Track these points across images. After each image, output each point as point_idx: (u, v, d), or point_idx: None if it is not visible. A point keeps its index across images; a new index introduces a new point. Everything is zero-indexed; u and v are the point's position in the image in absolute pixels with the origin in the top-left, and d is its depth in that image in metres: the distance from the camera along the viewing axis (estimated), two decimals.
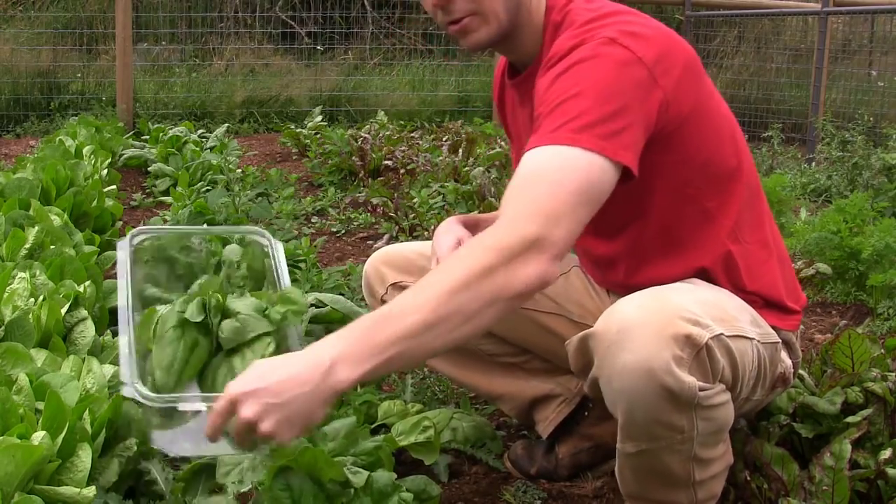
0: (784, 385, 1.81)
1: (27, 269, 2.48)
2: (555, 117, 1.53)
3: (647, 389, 1.48)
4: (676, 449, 1.56)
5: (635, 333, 1.47)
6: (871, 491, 1.78)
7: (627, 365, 1.48)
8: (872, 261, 3.36)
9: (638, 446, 1.58)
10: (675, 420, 1.52)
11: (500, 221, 1.46)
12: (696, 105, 1.67)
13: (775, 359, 1.73)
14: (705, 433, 1.56)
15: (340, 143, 5.68)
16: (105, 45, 8.62)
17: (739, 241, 1.76)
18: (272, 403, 1.30)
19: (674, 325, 1.47)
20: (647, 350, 1.46)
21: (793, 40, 9.45)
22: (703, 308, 1.54)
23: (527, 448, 2.14)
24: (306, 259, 3.09)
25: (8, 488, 1.51)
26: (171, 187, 4.89)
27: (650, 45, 1.60)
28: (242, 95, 8.20)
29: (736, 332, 1.57)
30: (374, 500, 1.59)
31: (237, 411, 1.32)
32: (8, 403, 1.67)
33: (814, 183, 5.46)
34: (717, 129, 1.73)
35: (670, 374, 1.46)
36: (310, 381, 1.31)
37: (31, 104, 7.82)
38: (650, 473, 1.63)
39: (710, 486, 1.67)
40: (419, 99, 8.59)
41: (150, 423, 1.64)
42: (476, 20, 1.71)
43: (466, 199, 4.35)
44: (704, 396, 1.50)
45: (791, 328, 1.81)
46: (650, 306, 1.50)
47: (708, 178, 1.73)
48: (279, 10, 9.70)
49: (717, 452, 1.64)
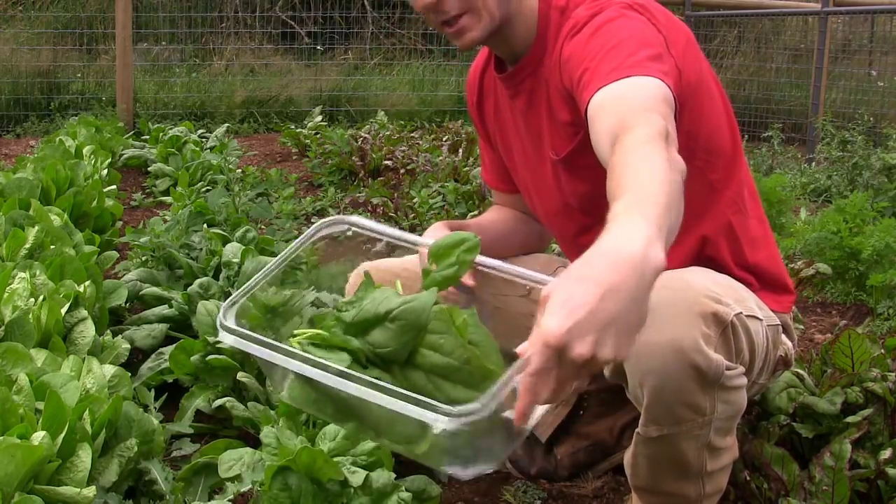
0: (785, 366, 1.83)
1: (27, 269, 2.48)
2: (608, 61, 1.50)
3: (676, 368, 1.47)
4: (695, 434, 1.56)
5: (663, 313, 1.44)
6: (871, 491, 1.78)
7: (657, 343, 1.46)
8: (872, 261, 3.36)
9: (661, 430, 1.57)
10: (699, 400, 1.52)
11: (626, 123, 1.34)
12: (699, 79, 1.70)
13: (777, 341, 1.76)
14: (723, 417, 1.56)
15: (340, 143, 5.68)
16: (105, 45, 8.62)
17: (741, 212, 1.78)
18: (605, 324, 1.05)
19: (700, 304, 1.48)
20: (676, 329, 1.46)
21: (793, 40, 9.44)
22: (721, 288, 1.56)
23: (526, 448, 2.14)
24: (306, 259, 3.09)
25: (8, 488, 1.51)
26: (171, 187, 4.89)
27: (659, 15, 1.65)
28: (242, 95, 8.20)
29: (750, 313, 1.59)
30: (374, 499, 1.59)
31: (567, 355, 1.05)
32: (8, 403, 1.67)
33: (814, 183, 5.46)
34: (716, 107, 1.76)
35: (700, 353, 1.46)
36: (630, 280, 1.08)
37: (32, 104, 7.82)
38: (665, 462, 1.62)
39: (718, 478, 1.67)
40: (419, 99, 8.59)
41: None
42: (469, 18, 1.70)
43: (466, 199, 4.34)
44: (729, 376, 1.51)
45: (786, 311, 1.83)
46: (674, 286, 1.49)
47: (711, 152, 1.75)
48: (279, 10, 9.70)
49: (728, 442, 1.64)
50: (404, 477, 1.78)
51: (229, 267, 2.89)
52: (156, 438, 1.93)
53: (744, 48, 9.43)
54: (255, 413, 2.07)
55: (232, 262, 2.91)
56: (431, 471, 2.05)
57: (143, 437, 1.88)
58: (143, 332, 2.64)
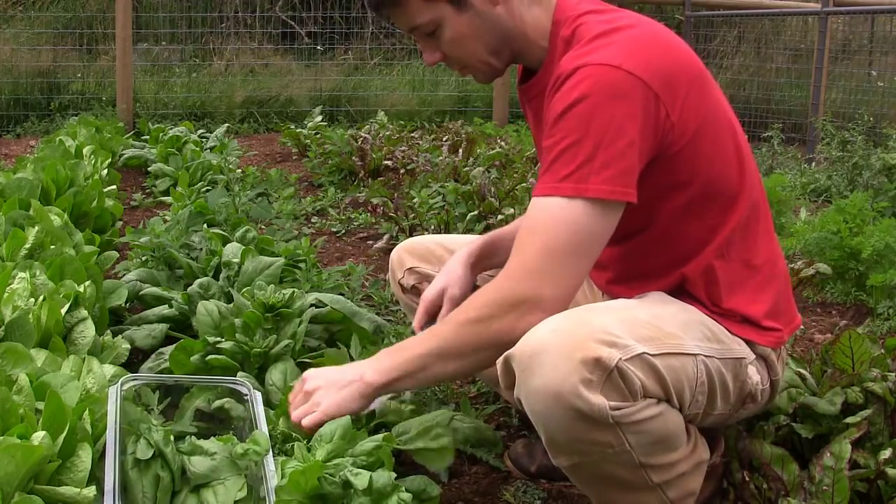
0: (753, 402, 1.77)
1: (27, 269, 2.48)
2: (560, 165, 1.61)
3: (558, 412, 1.49)
4: (614, 460, 1.55)
5: (545, 358, 1.49)
6: (871, 491, 1.78)
7: (538, 389, 1.50)
8: (872, 261, 3.36)
9: (570, 460, 1.59)
10: (596, 437, 1.52)
11: (503, 274, 1.66)
12: (701, 123, 1.68)
13: (740, 374, 1.71)
14: (643, 444, 1.55)
15: (340, 143, 5.68)
16: (105, 45, 8.62)
17: (724, 257, 1.74)
18: (327, 385, 1.77)
19: (584, 349, 1.48)
20: (556, 375, 1.47)
21: (793, 40, 9.44)
22: (627, 327, 1.54)
23: (527, 447, 2.14)
24: (306, 259, 3.09)
25: (8, 488, 1.51)
26: (171, 187, 4.89)
27: (658, 67, 1.62)
28: (242, 95, 8.20)
29: (667, 350, 1.56)
30: (374, 500, 1.59)
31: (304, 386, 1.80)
32: (8, 403, 1.67)
33: (814, 183, 5.46)
34: (721, 145, 1.73)
35: (579, 398, 1.47)
36: (349, 379, 1.75)
37: (32, 104, 7.82)
38: (599, 482, 1.63)
39: (682, 484, 1.65)
40: (419, 99, 8.59)
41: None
42: (470, 71, 1.84)
43: (466, 199, 4.34)
44: (622, 415, 1.50)
45: (769, 344, 1.77)
46: (564, 329, 1.52)
47: (709, 198, 1.72)
48: (279, 10, 9.70)
49: (676, 456, 1.62)
50: (404, 477, 1.78)
51: (229, 267, 2.89)
52: None
53: (744, 48, 9.42)
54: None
55: (232, 262, 2.91)
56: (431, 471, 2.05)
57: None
58: (143, 332, 2.64)
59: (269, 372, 2.21)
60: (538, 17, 1.79)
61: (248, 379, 2.11)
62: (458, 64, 1.83)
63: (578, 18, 1.74)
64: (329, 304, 2.61)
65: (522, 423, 2.34)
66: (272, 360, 2.26)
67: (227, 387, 2.01)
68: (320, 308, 2.62)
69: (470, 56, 1.80)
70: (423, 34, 1.79)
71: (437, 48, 1.80)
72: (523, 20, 1.79)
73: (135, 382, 1.93)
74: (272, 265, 2.81)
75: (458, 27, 1.75)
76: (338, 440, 1.75)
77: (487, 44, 1.78)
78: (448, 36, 1.76)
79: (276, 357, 2.26)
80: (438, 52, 1.80)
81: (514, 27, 1.78)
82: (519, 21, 1.79)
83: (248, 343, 2.26)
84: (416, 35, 1.81)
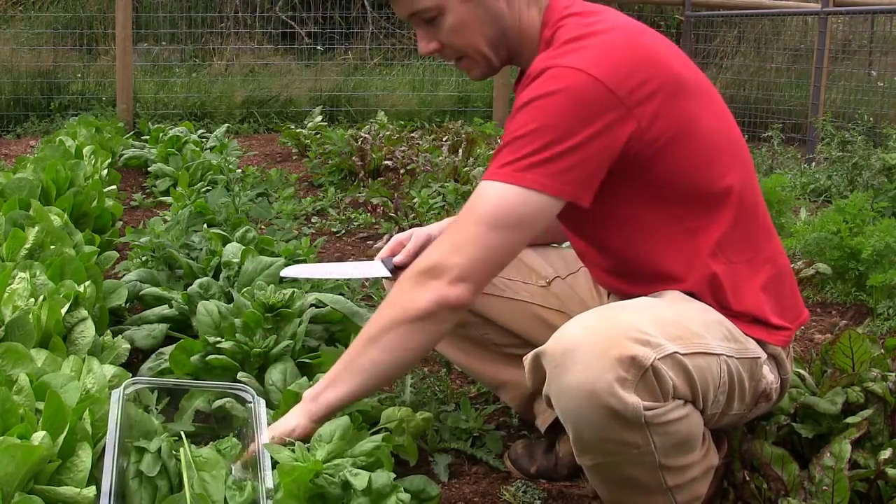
0: (767, 401, 1.78)
1: (27, 269, 2.48)
2: (505, 153, 1.64)
3: (591, 410, 1.49)
4: (637, 461, 1.56)
5: (579, 355, 1.49)
6: (871, 491, 1.78)
7: (571, 386, 1.49)
8: (872, 261, 3.35)
9: (594, 459, 1.59)
10: (626, 437, 1.52)
11: (437, 245, 1.72)
12: (679, 130, 1.66)
13: (755, 374, 1.71)
14: (666, 446, 1.55)
15: (340, 143, 5.68)
16: (105, 45, 8.62)
17: (724, 261, 1.73)
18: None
19: (619, 347, 1.47)
20: (591, 372, 1.47)
21: (793, 40, 9.44)
22: (658, 327, 1.53)
23: (527, 447, 2.14)
24: (306, 259, 3.09)
25: (8, 488, 1.51)
26: (171, 187, 4.89)
27: (627, 73, 1.61)
28: (242, 95, 8.20)
29: (695, 350, 1.56)
30: (373, 500, 1.59)
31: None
32: (8, 403, 1.67)
33: (814, 183, 5.46)
34: (704, 150, 1.71)
35: (613, 396, 1.47)
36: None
37: (32, 104, 7.82)
38: (617, 482, 1.63)
39: (691, 488, 1.66)
40: (419, 99, 8.59)
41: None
42: (467, 62, 1.84)
43: (466, 199, 4.34)
44: (654, 415, 1.50)
45: (779, 343, 1.77)
46: (597, 327, 1.51)
47: (691, 200, 1.71)
48: (279, 10, 9.70)
49: (692, 459, 1.63)
50: (403, 477, 1.78)
51: (229, 267, 2.89)
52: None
53: (744, 48, 9.42)
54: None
55: (232, 262, 2.91)
56: (431, 471, 2.05)
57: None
58: (143, 332, 2.64)
59: (269, 372, 2.21)
60: (533, 17, 1.80)
61: (250, 382, 2.11)
62: (456, 53, 1.83)
63: (560, 21, 1.75)
64: (329, 304, 2.61)
65: (522, 423, 2.34)
66: (272, 360, 2.26)
67: (230, 392, 2.01)
68: (320, 308, 2.62)
69: (468, 46, 1.80)
70: (423, 20, 1.79)
71: (435, 36, 1.80)
72: (521, 19, 1.80)
73: (137, 386, 1.93)
74: (272, 265, 2.81)
75: (460, 14, 1.76)
76: (337, 440, 1.74)
77: (486, 35, 1.79)
78: (449, 23, 1.77)
79: (277, 357, 2.26)
80: (436, 40, 1.81)
81: (512, 24, 1.79)
82: (517, 19, 1.79)
83: (248, 343, 2.27)
84: (414, 21, 1.81)
